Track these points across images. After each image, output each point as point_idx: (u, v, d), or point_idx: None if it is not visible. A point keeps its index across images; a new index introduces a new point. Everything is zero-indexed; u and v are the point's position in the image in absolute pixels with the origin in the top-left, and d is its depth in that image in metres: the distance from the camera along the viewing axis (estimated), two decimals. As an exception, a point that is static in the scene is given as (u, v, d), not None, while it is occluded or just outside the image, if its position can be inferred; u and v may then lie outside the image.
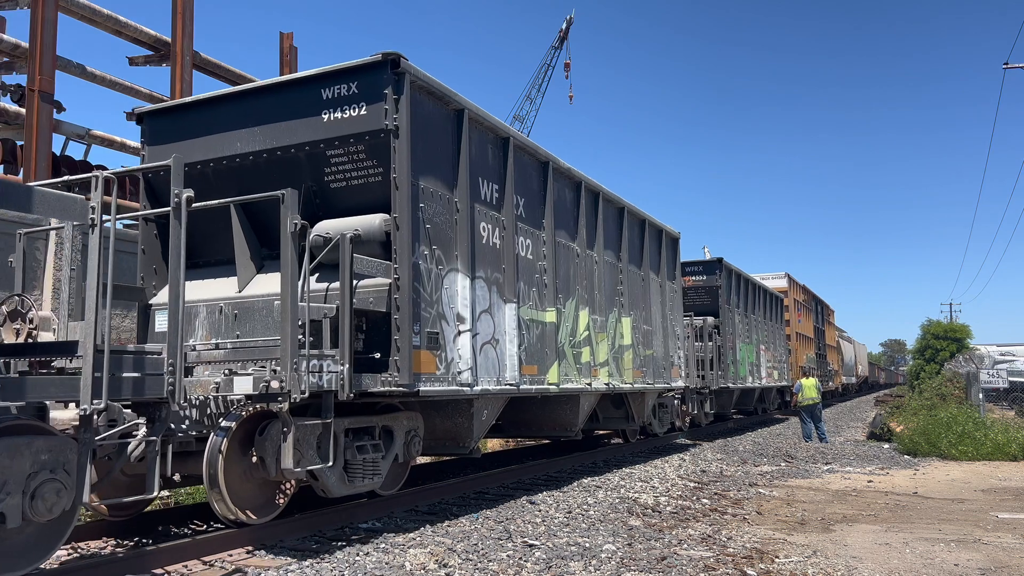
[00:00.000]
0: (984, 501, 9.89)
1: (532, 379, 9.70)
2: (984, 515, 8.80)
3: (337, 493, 6.96)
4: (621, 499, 9.34)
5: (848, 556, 6.60)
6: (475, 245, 8.63)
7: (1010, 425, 17.33)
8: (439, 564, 5.96)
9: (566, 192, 11.28)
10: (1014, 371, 26.67)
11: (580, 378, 11.11)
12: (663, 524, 7.88)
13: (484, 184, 8.96)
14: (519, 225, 9.72)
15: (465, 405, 8.53)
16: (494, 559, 6.16)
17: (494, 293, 8.96)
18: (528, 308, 9.78)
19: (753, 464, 13.77)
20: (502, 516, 8.11)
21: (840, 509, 9.15)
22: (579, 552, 6.45)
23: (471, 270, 8.46)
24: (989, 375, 22.15)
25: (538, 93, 61.32)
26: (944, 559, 6.57)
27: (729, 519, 8.33)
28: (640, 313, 13.87)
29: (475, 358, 8.41)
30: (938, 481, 11.84)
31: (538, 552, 6.41)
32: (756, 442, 18.11)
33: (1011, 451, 14.68)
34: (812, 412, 19.00)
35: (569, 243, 11.21)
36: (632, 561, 6.16)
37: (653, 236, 15.00)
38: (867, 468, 13.37)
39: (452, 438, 8.72)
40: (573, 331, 11.05)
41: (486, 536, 7.04)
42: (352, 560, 6.06)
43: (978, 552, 6.85)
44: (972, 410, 19.35)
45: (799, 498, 9.97)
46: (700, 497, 9.77)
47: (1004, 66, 27.07)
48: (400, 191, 7.31)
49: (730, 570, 5.94)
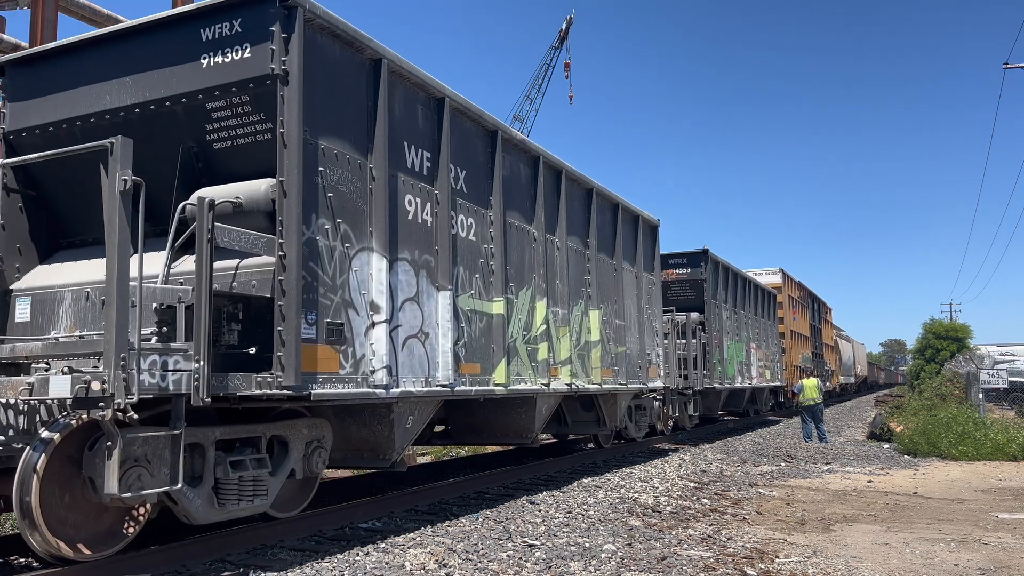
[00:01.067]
0: (984, 501, 9.82)
1: (473, 379, 8.38)
2: (984, 515, 8.73)
3: (202, 519, 5.64)
4: (621, 499, 9.27)
5: (848, 556, 6.56)
6: (397, 221, 7.31)
7: (1010, 425, 17.17)
8: (439, 564, 5.94)
9: (520, 168, 9.95)
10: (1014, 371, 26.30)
11: (536, 378, 9.79)
12: (663, 524, 7.82)
13: (411, 151, 7.64)
14: (458, 201, 8.39)
15: (383, 410, 7.21)
16: (494, 559, 6.14)
17: (423, 279, 7.64)
18: (469, 297, 8.45)
19: (753, 464, 13.63)
20: (502, 516, 8.05)
21: (840, 509, 9.08)
22: (579, 552, 6.42)
23: (391, 250, 7.14)
24: (989, 375, 21.96)
25: (538, 93, 60.51)
26: (944, 559, 6.54)
27: (729, 519, 8.26)
28: (611, 306, 12.54)
29: (395, 355, 7.10)
30: (938, 481, 11.72)
31: (538, 552, 6.39)
32: (756, 442, 17.91)
33: (1011, 451, 14.59)
34: (813, 412, 18.70)
35: (524, 225, 9.88)
36: (632, 561, 6.14)
37: (628, 223, 13.67)
38: (867, 468, 13.23)
39: (370, 449, 7.40)
40: (528, 324, 9.73)
41: (486, 536, 7.01)
42: (352, 560, 6.03)
43: (978, 552, 6.82)
44: (972, 410, 19.13)
45: (799, 498, 9.90)
46: (700, 497, 9.70)
47: (1004, 66, 26.81)
48: (289, 150, 5.98)
49: (730, 570, 5.91)
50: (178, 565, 5.69)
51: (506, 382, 8.94)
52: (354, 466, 7.57)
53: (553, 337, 10.40)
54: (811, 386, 18.87)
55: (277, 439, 6.46)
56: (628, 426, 14.26)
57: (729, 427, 22.44)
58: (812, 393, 18.69)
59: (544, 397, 10.10)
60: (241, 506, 5.86)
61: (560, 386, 10.39)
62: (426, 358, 7.58)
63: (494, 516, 8.05)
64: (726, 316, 20.05)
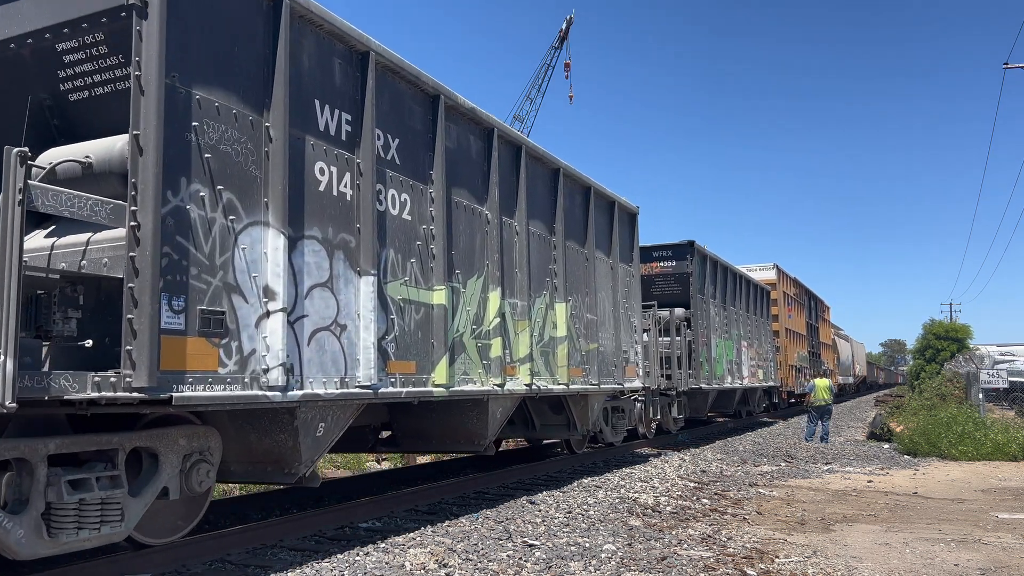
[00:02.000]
0: (984, 501, 9.78)
1: (406, 379, 7.27)
2: (984, 515, 8.70)
3: (28, 554, 4.52)
4: (621, 499, 9.21)
5: (848, 556, 6.55)
6: (304, 192, 6.19)
7: (1010, 425, 17.14)
8: (439, 564, 5.93)
9: (470, 140, 8.83)
10: (1014, 371, 26.47)
11: (488, 377, 8.68)
12: (663, 524, 7.80)
13: (325, 111, 6.52)
14: (388, 174, 7.28)
15: (285, 416, 6.08)
16: (494, 559, 6.12)
17: (339, 262, 6.52)
18: (402, 285, 7.34)
19: (753, 464, 13.53)
20: (502, 516, 8.02)
21: (840, 509, 9.05)
22: (579, 552, 6.41)
23: (293, 226, 6.02)
24: (989, 375, 21.91)
25: (538, 93, 59.91)
26: (944, 559, 6.53)
27: (729, 519, 8.24)
28: (582, 299, 11.43)
29: (298, 350, 5.97)
30: (938, 481, 11.66)
31: (538, 552, 6.38)
32: (756, 442, 17.82)
33: (1011, 451, 14.56)
34: (821, 413, 18.65)
35: (475, 206, 8.77)
36: (632, 561, 6.12)
37: (602, 209, 12.55)
38: (867, 468, 13.15)
39: (274, 461, 6.28)
40: (478, 318, 8.61)
41: (486, 536, 7.00)
42: (352, 560, 6.02)
43: (978, 552, 6.81)
44: (972, 410, 19.07)
45: (799, 498, 9.86)
46: (700, 497, 9.65)
47: (1004, 66, 26.61)
48: (148, 98, 4.85)
49: (730, 570, 5.90)
50: (178, 565, 5.68)
51: (448, 382, 7.82)
52: (257, 481, 6.44)
53: (510, 332, 9.28)
54: (822, 387, 18.75)
55: (145, 451, 5.34)
56: (604, 430, 13.13)
57: (729, 427, 22.11)
58: (823, 394, 18.60)
59: (498, 399, 8.98)
60: (83, 535, 4.73)
61: (517, 387, 9.28)
62: (342, 354, 6.46)
63: (494, 516, 8.01)
64: (714, 312, 18.90)
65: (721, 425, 22.30)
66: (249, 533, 6.46)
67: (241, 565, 5.84)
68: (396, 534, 7.01)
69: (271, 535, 6.62)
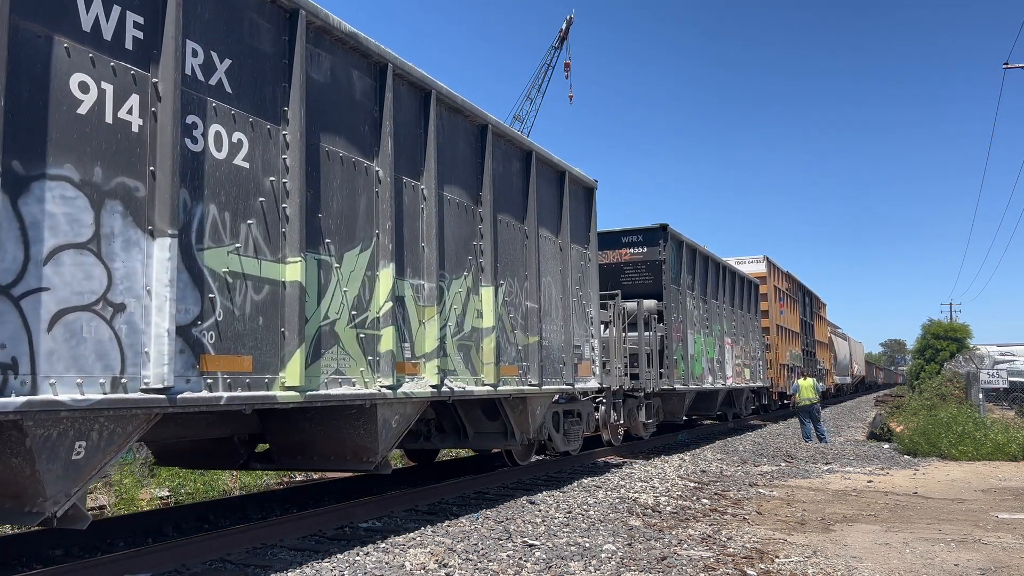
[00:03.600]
0: (984, 501, 9.72)
1: (236, 380, 5.45)
2: (984, 515, 8.67)
3: None
4: (621, 499, 9.15)
5: (848, 556, 6.52)
6: (49, 112, 4.37)
7: (1010, 425, 17.03)
8: (439, 564, 5.92)
9: (352, 76, 7.00)
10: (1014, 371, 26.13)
11: (374, 377, 6.87)
12: (663, 524, 7.76)
13: (93, 5, 4.70)
14: (210, 103, 5.45)
15: (13, 434, 4.26)
16: (494, 559, 6.10)
17: (113, 215, 4.70)
18: (230, 253, 5.52)
19: (753, 464, 13.43)
20: (502, 516, 7.99)
21: (840, 509, 9.01)
22: (579, 552, 6.38)
23: (24, 160, 4.21)
24: (989, 375, 21.75)
25: (538, 93, 59.29)
26: (944, 559, 6.48)
27: (729, 519, 8.22)
28: (519, 284, 9.61)
29: (27, 338, 4.16)
30: (938, 481, 11.59)
31: (538, 552, 6.35)
32: (756, 442, 17.71)
33: (1011, 451, 14.47)
34: (810, 413, 18.51)
35: (357, 158, 6.95)
36: (632, 561, 6.09)
37: (549, 179, 10.74)
38: (867, 468, 13.08)
39: (13, 496, 4.45)
40: (360, 302, 6.80)
41: (486, 536, 6.97)
42: (352, 560, 6.01)
43: (978, 552, 6.76)
44: (972, 410, 18.92)
45: (799, 498, 9.81)
46: (700, 497, 9.59)
47: (1004, 66, 26.39)
48: None
49: (730, 570, 5.87)
50: (178, 564, 5.68)
51: (306, 384, 5.99)
52: (-4, 522, 4.64)
53: (411, 320, 7.47)
54: (807, 386, 18.61)
55: None
56: (553, 437, 11.24)
57: (729, 427, 21.60)
58: (808, 393, 18.49)
59: (390, 405, 7.13)
60: None
61: (420, 389, 7.45)
62: (116, 345, 4.63)
63: (494, 516, 7.99)
64: (692, 305, 17.02)
65: (721, 425, 21.55)
66: (249, 533, 6.48)
67: (241, 565, 5.86)
68: (396, 534, 6.99)
69: (271, 535, 6.64)
